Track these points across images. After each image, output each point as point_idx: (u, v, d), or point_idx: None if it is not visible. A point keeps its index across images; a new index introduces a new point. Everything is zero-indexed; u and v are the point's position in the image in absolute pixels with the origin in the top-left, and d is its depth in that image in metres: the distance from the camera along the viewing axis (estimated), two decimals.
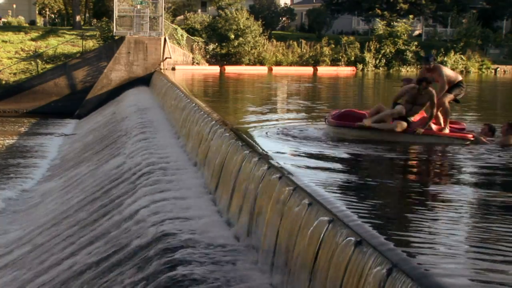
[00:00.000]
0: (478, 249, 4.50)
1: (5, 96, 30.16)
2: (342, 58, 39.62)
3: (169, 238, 7.16)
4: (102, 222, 9.67)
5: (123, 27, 30.09)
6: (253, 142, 8.96)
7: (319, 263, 4.87)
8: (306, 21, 50.60)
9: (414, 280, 3.75)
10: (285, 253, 5.61)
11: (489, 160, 8.73)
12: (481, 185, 7.23)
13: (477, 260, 4.23)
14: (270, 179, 6.65)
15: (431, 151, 9.60)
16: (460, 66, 41.00)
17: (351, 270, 4.36)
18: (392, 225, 5.03)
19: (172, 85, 20.06)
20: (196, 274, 5.98)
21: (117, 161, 13.69)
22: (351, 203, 5.68)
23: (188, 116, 13.45)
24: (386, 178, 7.48)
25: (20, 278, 8.94)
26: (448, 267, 4.01)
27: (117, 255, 7.72)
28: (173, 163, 11.45)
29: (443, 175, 7.72)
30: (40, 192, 15.19)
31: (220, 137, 9.68)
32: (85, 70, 30.71)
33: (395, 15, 43.27)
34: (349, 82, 32.97)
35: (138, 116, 18.58)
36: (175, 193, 9.22)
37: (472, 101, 19.08)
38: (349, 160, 8.67)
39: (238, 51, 37.79)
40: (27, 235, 11.37)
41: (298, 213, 5.57)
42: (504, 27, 50.68)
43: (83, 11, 51.02)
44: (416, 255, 4.19)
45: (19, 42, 34.53)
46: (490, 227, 5.12)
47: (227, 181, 8.31)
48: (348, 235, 4.62)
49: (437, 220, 5.30)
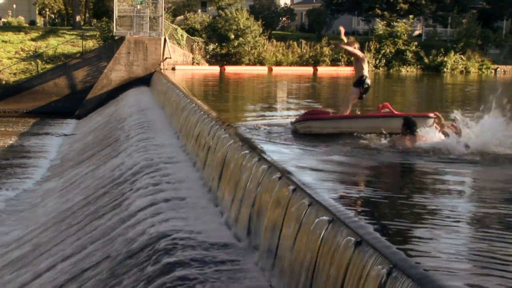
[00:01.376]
0: (478, 249, 4.50)
1: (5, 96, 30.17)
2: (342, 58, 39.62)
3: (168, 238, 7.16)
4: (102, 222, 9.66)
5: (123, 27, 30.10)
6: (253, 142, 8.95)
7: (319, 263, 4.87)
8: (306, 21, 50.61)
9: (414, 280, 3.75)
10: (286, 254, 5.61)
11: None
12: (484, 187, 7.23)
13: (477, 260, 4.24)
14: (270, 178, 6.65)
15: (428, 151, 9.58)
16: (460, 66, 41.00)
17: (351, 270, 4.36)
18: (392, 225, 5.02)
19: (172, 85, 20.05)
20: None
21: (117, 161, 13.68)
22: (351, 203, 5.68)
23: (188, 116, 13.45)
24: (386, 177, 7.48)
25: (20, 278, 8.94)
26: (448, 267, 4.01)
27: (118, 254, 7.72)
28: (173, 163, 11.45)
29: (443, 175, 7.71)
30: (40, 192, 15.19)
31: (220, 137, 9.68)
32: (85, 70, 30.72)
33: (395, 15, 43.27)
34: (349, 82, 32.94)
35: (138, 116, 18.58)
36: (175, 193, 9.22)
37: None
38: (347, 159, 8.66)
39: (238, 51, 37.80)
40: (27, 235, 11.38)
41: (299, 213, 5.57)
42: (504, 27, 50.68)
43: (83, 11, 51.02)
44: (416, 255, 4.19)
45: (19, 42, 34.53)
46: (490, 228, 5.13)
47: (228, 181, 8.31)
48: (348, 235, 4.62)
49: (437, 220, 5.30)
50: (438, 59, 40.57)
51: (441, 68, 40.26)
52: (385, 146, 9.28)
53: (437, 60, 40.57)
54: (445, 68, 40.31)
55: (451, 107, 12.83)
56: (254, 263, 6.24)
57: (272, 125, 11.92)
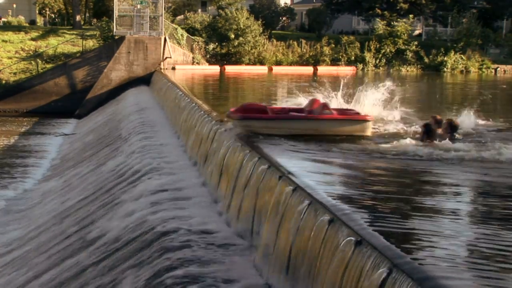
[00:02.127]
0: (478, 250, 4.50)
1: (5, 96, 30.17)
2: (342, 58, 39.60)
3: (168, 237, 7.17)
4: (102, 222, 9.66)
5: (123, 26, 30.10)
6: (253, 141, 8.95)
7: (319, 263, 4.87)
8: (306, 21, 50.57)
9: (414, 280, 3.75)
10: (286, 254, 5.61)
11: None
12: (482, 187, 7.23)
13: (477, 260, 4.23)
14: (270, 178, 6.65)
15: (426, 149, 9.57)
16: (460, 66, 40.96)
17: (351, 270, 4.36)
18: (392, 225, 5.02)
19: (172, 84, 20.06)
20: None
21: (117, 160, 13.69)
22: (351, 203, 5.67)
23: (188, 115, 13.45)
24: (386, 177, 7.48)
25: (20, 277, 8.93)
26: (448, 267, 4.01)
27: (118, 253, 7.72)
28: (173, 163, 11.45)
29: (442, 175, 7.71)
30: (40, 192, 15.19)
31: (220, 136, 9.68)
32: (85, 70, 30.71)
33: (395, 14, 43.22)
34: (349, 82, 32.91)
35: (138, 116, 18.58)
36: (174, 193, 9.22)
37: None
38: (347, 158, 8.66)
39: (238, 50, 37.77)
40: (27, 235, 11.38)
41: (299, 213, 5.58)
42: (504, 27, 50.64)
43: (83, 11, 51.00)
44: (416, 255, 4.19)
45: (19, 42, 34.53)
46: (490, 228, 5.12)
47: (228, 179, 8.31)
48: (348, 235, 4.62)
49: (437, 220, 5.29)
50: (438, 58, 40.52)
51: (441, 68, 40.23)
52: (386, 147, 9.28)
53: (437, 60, 40.54)
54: (445, 67, 40.27)
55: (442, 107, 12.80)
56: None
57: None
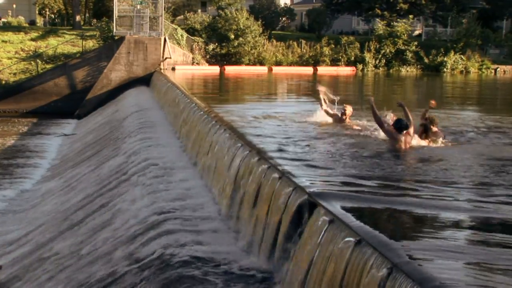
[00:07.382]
0: (478, 249, 4.49)
1: (5, 96, 30.16)
2: (342, 58, 39.62)
3: (169, 235, 7.17)
4: (102, 221, 9.66)
5: (123, 27, 30.09)
6: (252, 141, 8.95)
7: (319, 263, 4.87)
8: (306, 21, 50.57)
9: (414, 280, 3.75)
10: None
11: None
12: (483, 187, 7.22)
13: (477, 260, 4.23)
14: (270, 178, 6.65)
15: (427, 147, 9.58)
16: (460, 66, 40.96)
17: (351, 270, 4.36)
18: (392, 225, 5.02)
19: (172, 85, 20.06)
20: None
21: (117, 161, 13.69)
22: (351, 203, 5.67)
23: (188, 116, 13.45)
24: (385, 177, 7.47)
25: (20, 277, 8.93)
26: (448, 267, 4.01)
27: (119, 252, 7.72)
28: (173, 163, 11.45)
29: (442, 175, 7.71)
30: (40, 192, 15.18)
31: (219, 136, 9.68)
32: (85, 70, 30.70)
33: (395, 15, 43.23)
34: (349, 81, 32.96)
35: (138, 116, 18.58)
36: (175, 193, 9.23)
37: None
38: (347, 158, 8.65)
39: (238, 51, 37.78)
40: (27, 235, 11.37)
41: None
42: (504, 27, 50.65)
43: (83, 11, 51.01)
44: (416, 256, 4.19)
45: (19, 42, 34.54)
46: (490, 228, 5.12)
47: (227, 179, 8.31)
48: (348, 235, 4.62)
49: (437, 220, 5.29)
50: (438, 59, 40.53)
51: (441, 68, 40.24)
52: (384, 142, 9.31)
53: (437, 60, 40.54)
54: (445, 68, 40.28)
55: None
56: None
57: (272, 123, 11.90)
